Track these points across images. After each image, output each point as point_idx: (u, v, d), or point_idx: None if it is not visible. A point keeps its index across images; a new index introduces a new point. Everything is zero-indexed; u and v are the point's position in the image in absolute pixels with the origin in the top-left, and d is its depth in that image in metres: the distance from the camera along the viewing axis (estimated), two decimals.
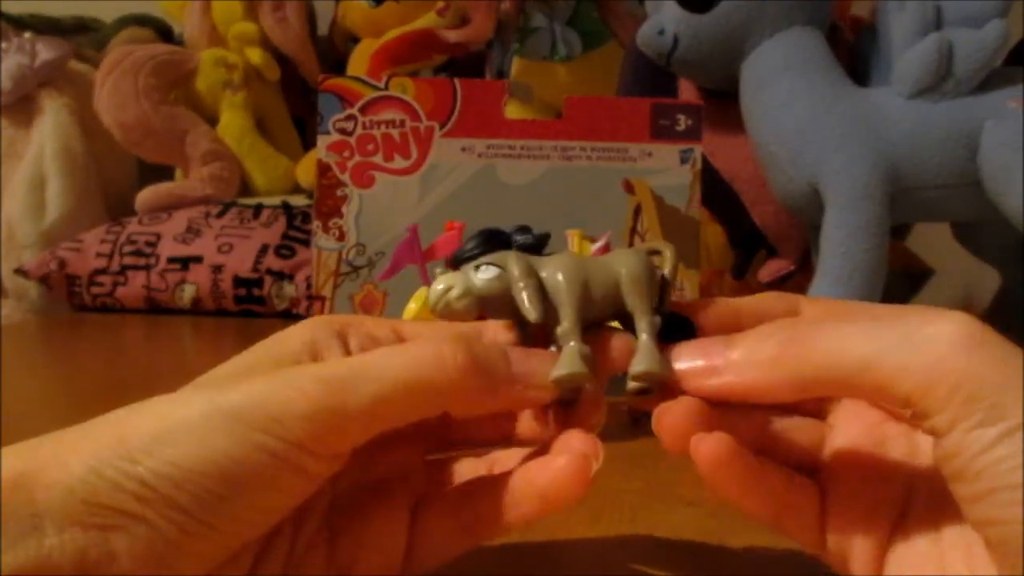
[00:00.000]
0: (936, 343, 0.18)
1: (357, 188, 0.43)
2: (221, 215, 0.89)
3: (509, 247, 0.22)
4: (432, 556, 0.23)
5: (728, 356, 0.21)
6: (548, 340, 0.22)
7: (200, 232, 0.86)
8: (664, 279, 0.22)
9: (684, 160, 0.45)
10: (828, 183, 0.56)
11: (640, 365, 0.21)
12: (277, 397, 0.19)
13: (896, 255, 0.71)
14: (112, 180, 1.02)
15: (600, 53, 0.86)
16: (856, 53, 0.65)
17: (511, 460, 0.24)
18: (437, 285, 0.22)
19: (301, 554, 0.21)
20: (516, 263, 0.22)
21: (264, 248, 0.84)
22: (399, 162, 0.43)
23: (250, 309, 0.84)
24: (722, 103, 0.65)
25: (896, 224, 0.58)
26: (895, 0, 0.58)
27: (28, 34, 0.98)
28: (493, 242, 0.22)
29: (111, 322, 0.83)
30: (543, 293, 0.22)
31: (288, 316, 0.83)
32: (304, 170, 0.96)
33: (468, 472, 0.24)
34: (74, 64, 1.01)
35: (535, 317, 0.21)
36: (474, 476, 0.24)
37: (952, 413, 0.17)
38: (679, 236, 0.44)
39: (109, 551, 0.17)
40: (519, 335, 0.23)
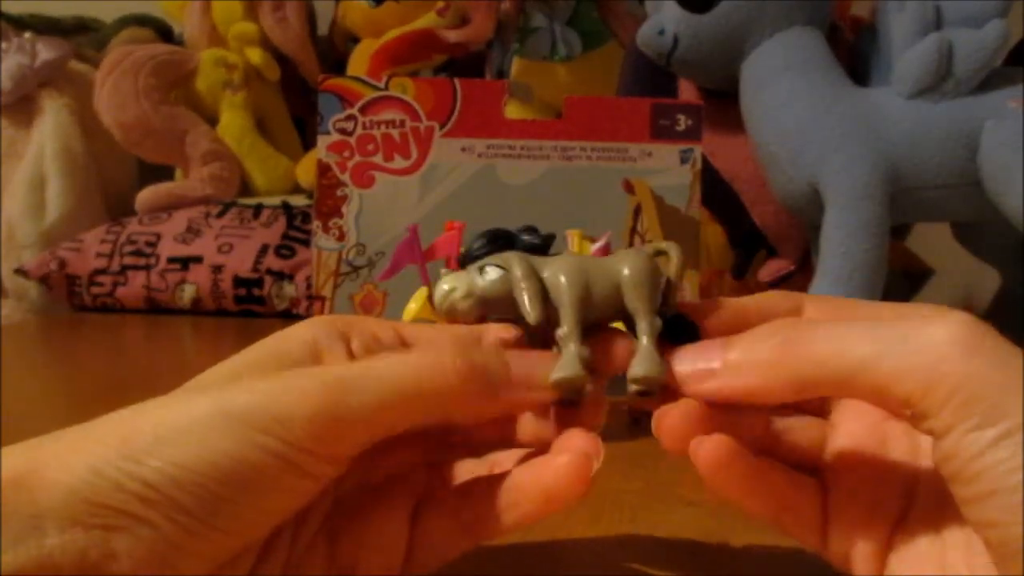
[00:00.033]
0: (935, 345, 0.18)
1: (357, 188, 0.43)
2: (221, 215, 0.89)
3: (515, 247, 0.22)
4: (433, 556, 0.23)
5: (726, 358, 0.21)
6: (551, 340, 0.22)
7: (200, 232, 0.86)
8: (669, 281, 0.22)
9: (684, 160, 0.44)
10: (828, 183, 0.56)
11: (638, 369, 0.21)
12: (281, 399, 0.19)
13: (896, 255, 0.71)
14: (112, 180, 1.02)
15: (600, 53, 0.86)
16: (856, 53, 0.65)
17: (511, 461, 0.24)
18: (442, 285, 0.22)
19: (301, 554, 0.21)
20: (519, 265, 0.22)
21: (264, 248, 0.84)
22: (399, 162, 0.43)
23: (250, 309, 0.84)
24: (722, 103, 0.65)
25: (896, 224, 0.58)
26: (895, 0, 0.58)
27: (28, 34, 0.98)
28: (499, 242, 0.22)
29: (111, 322, 0.83)
30: (545, 294, 0.22)
31: (288, 316, 0.83)
32: (304, 170, 0.96)
33: (468, 473, 0.24)
34: (74, 64, 1.01)
35: (534, 320, 0.21)
36: (474, 477, 0.24)
37: (950, 415, 0.17)
38: (679, 236, 0.44)
39: (110, 551, 0.17)
40: (522, 335, 0.23)
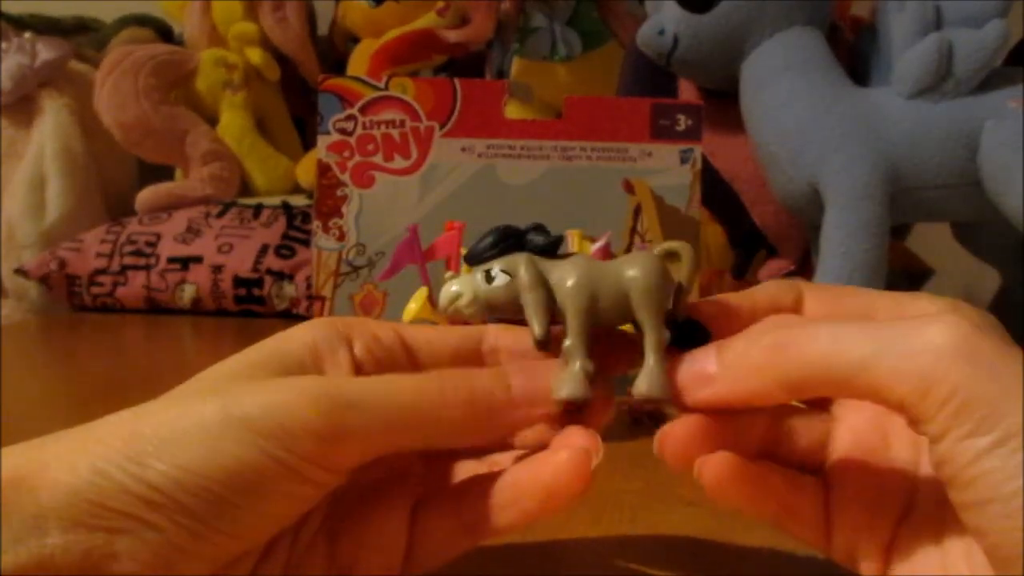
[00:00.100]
0: (931, 348, 0.17)
1: (357, 188, 0.43)
2: (221, 215, 0.89)
3: (523, 246, 0.22)
4: (433, 556, 0.23)
5: (721, 363, 0.20)
6: (559, 340, 0.22)
7: (200, 232, 0.86)
8: (679, 285, 0.22)
9: (684, 160, 0.44)
10: (828, 183, 0.56)
11: (642, 386, 0.21)
12: (287, 408, 0.19)
13: (896, 255, 0.71)
14: (112, 180, 1.02)
15: (600, 53, 0.86)
16: (856, 53, 0.65)
17: (511, 462, 0.24)
18: (450, 287, 0.22)
19: (302, 554, 0.21)
20: (525, 271, 0.21)
21: (264, 248, 0.84)
22: (399, 162, 0.43)
23: (250, 309, 0.84)
24: (722, 103, 0.65)
25: (896, 224, 0.58)
26: (895, 0, 0.58)
27: (28, 34, 0.98)
28: (508, 241, 0.22)
29: (111, 322, 0.83)
30: (551, 304, 0.21)
31: (288, 316, 0.83)
32: (304, 170, 0.96)
33: (468, 473, 0.24)
34: (74, 64, 1.01)
35: (539, 336, 0.21)
36: (473, 475, 0.24)
37: (945, 421, 0.17)
38: (679, 236, 0.44)
39: (112, 553, 0.17)
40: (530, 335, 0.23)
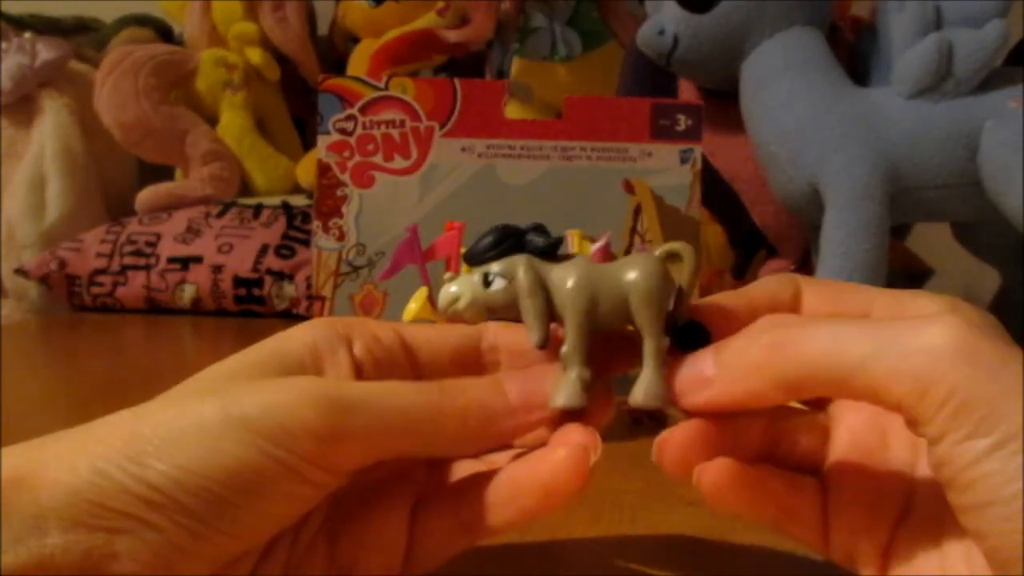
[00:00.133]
0: (930, 349, 0.17)
1: (357, 188, 0.43)
2: (221, 215, 0.89)
3: (523, 246, 0.22)
4: (432, 555, 0.23)
5: (719, 364, 0.20)
6: (559, 340, 0.22)
7: (200, 232, 0.86)
8: (680, 288, 0.22)
9: (684, 160, 0.44)
10: (828, 183, 0.56)
11: (638, 395, 0.21)
12: (287, 409, 0.19)
13: (896, 255, 0.71)
14: (112, 180, 1.02)
15: (600, 53, 0.86)
16: (856, 53, 0.65)
17: (508, 460, 0.24)
18: (449, 287, 0.22)
19: (302, 555, 0.21)
20: (524, 275, 0.21)
21: (264, 248, 0.84)
22: (399, 162, 0.43)
23: (250, 309, 0.84)
24: (722, 103, 0.65)
25: (896, 224, 0.58)
26: (895, 0, 0.58)
27: (28, 34, 0.98)
28: (507, 241, 0.22)
29: (111, 322, 0.83)
30: (550, 309, 0.21)
31: (288, 316, 0.83)
32: (304, 170, 0.96)
33: (466, 471, 0.24)
34: (74, 64, 1.01)
35: (537, 342, 0.21)
36: (472, 473, 0.23)
37: (944, 422, 0.17)
38: (679, 236, 0.44)
39: (112, 553, 0.17)
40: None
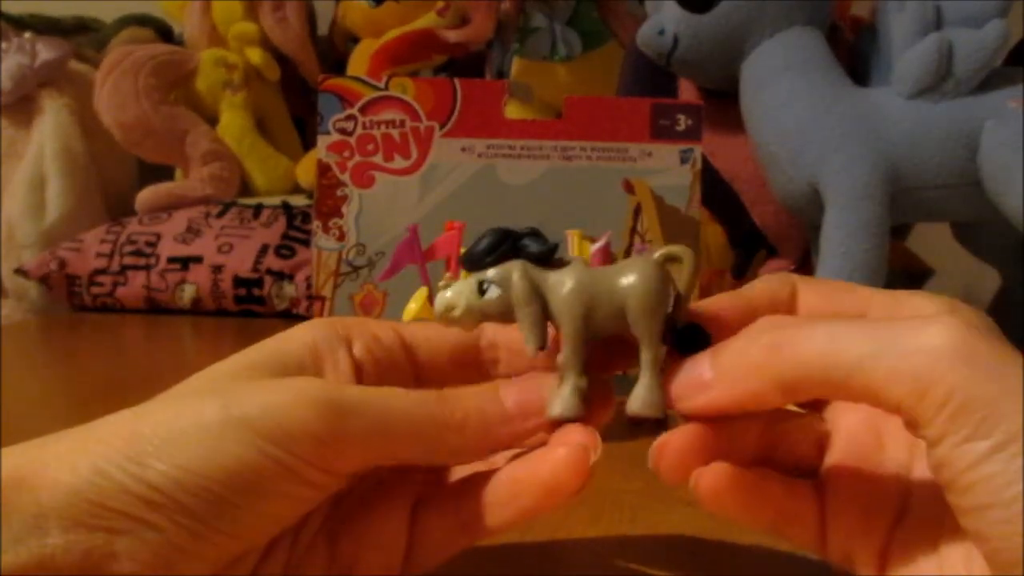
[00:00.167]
0: (929, 350, 0.17)
1: (357, 188, 0.43)
2: (221, 215, 0.89)
3: (519, 254, 0.22)
4: (432, 554, 0.23)
5: (717, 366, 0.20)
6: (557, 343, 0.22)
7: (200, 232, 0.86)
8: (679, 294, 0.21)
9: (684, 160, 0.44)
10: (828, 183, 0.56)
11: (635, 403, 0.21)
12: (287, 409, 0.19)
13: (896, 255, 0.71)
14: (112, 180, 1.02)
15: (600, 53, 0.86)
16: (856, 53, 0.65)
17: (508, 460, 0.24)
18: (444, 294, 0.22)
19: (302, 555, 0.21)
20: (519, 284, 0.21)
21: (264, 248, 0.84)
22: (399, 162, 0.43)
23: (250, 309, 0.84)
24: (722, 103, 0.65)
25: (896, 224, 0.58)
26: (895, 0, 0.58)
27: (28, 34, 0.98)
28: (503, 246, 0.22)
29: (111, 322, 0.83)
30: (545, 317, 0.21)
31: (288, 316, 0.83)
32: (304, 170, 0.96)
33: (466, 471, 0.24)
34: (74, 64, 1.01)
35: (532, 352, 0.21)
36: (472, 472, 0.23)
37: (943, 424, 0.17)
38: (679, 236, 0.44)
39: (112, 553, 0.17)
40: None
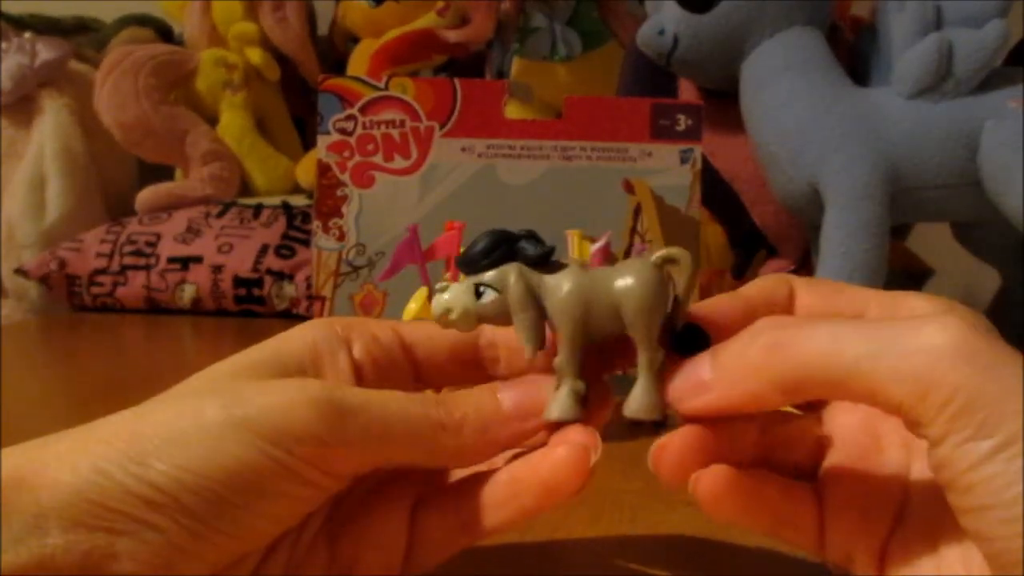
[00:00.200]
0: (930, 349, 0.17)
1: (357, 188, 0.43)
2: (221, 215, 0.89)
3: (515, 257, 0.22)
4: (432, 554, 0.23)
5: (716, 367, 0.20)
6: (555, 345, 0.22)
7: (200, 232, 0.86)
8: (676, 297, 0.21)
9: (684, 160, 0.44)
10: (828, 183, 0.56)
11: (633, 405, 0.21)
12: (288, 410, 0.19)
13: (896, 255, 0.71)
14: (112, 180, 1.02)
15: (600, 53, 0.86)
16: (856, 53, 0.65)
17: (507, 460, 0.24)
18: (442, 296, 0.22)
19: (303, 555, 0.21)
20: (515, 288, 0.21)
21: (264, 248, 0.84)
22: (399, 162, 0.43)
23: (250, 309, 0.84)
24: (722, 103, 0.65)
25: (896, 224, 0.58)
26: (895, 0, 0.58)
27: (28, 34, 0.98)
28: (500, 249, 0.22)
29: (111, 322, 0.83)
30: (542, 319, 0.21)
31: (288, 316, 0.83)
32: (304, 170, 0.96)
33: (466, 471, 0.24)
34: (74, 64, 1.01)
35: (529, 356, 0.21)
36: (472, 472, 0.23)
37: (945, 424, 0.17)
38: (679, 236, 0.44)
39: (113, 553, 0.17)
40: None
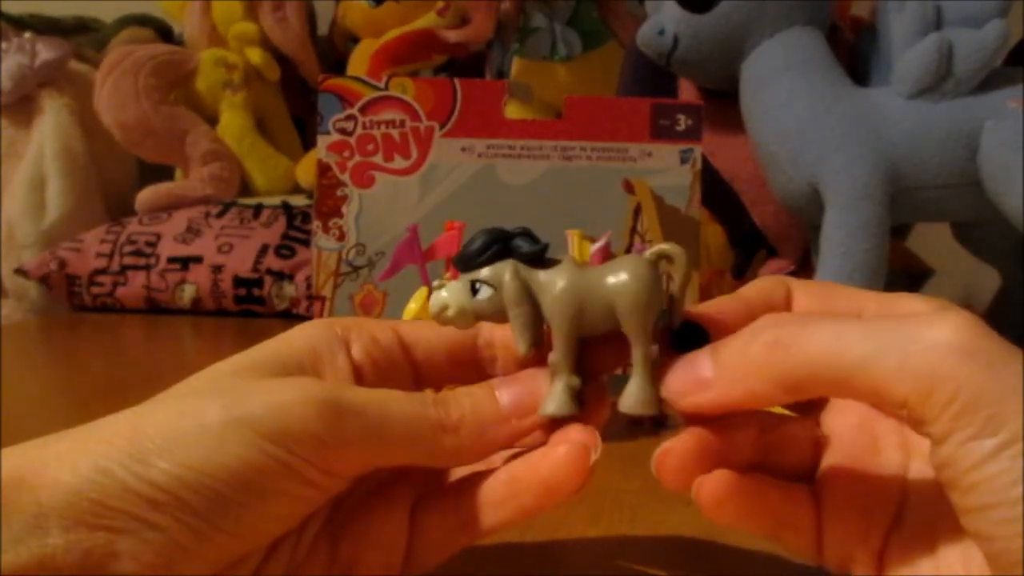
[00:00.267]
0: (934, 347, 0.17)
1: (357, 188, 0.43)
2: (221, 215, 0.89)
3: (511, 254, 0.22)
4: (432, 553, 0.23)
5: (718, 364, 0.20)
6: (551, 343, 0.22)
7: (200, 232, 0.86)
8: (672, 295, 0.21)
9: (684, 160, 0.44)
10: (828, 183, 0.56)
11: (626, 403, 0.21)
12: (289, 409, 0.19)
13: (896, 255, 0.71)
14: (112, 180, 1.02)
15: (600, 53, 0.86)
16: (856, 53, 0.65)
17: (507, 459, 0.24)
18: (439, 294, 0.22)
19: (304, 555, 0.21)
20: (510, 284, 0.21)
21: (264, 248, 0.84)
22: (399, 162, 0.43)
23: (250, 309, 0.84)
24: (722, 103, 0.65)
25: (896, 224, 0.58)
26: (895, 0, 0.58)
27: (28, 34, 0.98)
28: (495, 246, 0.22)
29: (111, 322, 0.83)
30: (537, 315, 0.21)
31: (288, 316, 0.83)
32: (304, 170, 0.96)
33: (466, 471, 0.24)
34: (74, 64, 1.01)
35: (523, 353, 0.21)
36: (472, 472, 0.23)
37: (948, 423, 0.17)
38: (679, 236, 0.44)
39: (114, 552, 0.17)
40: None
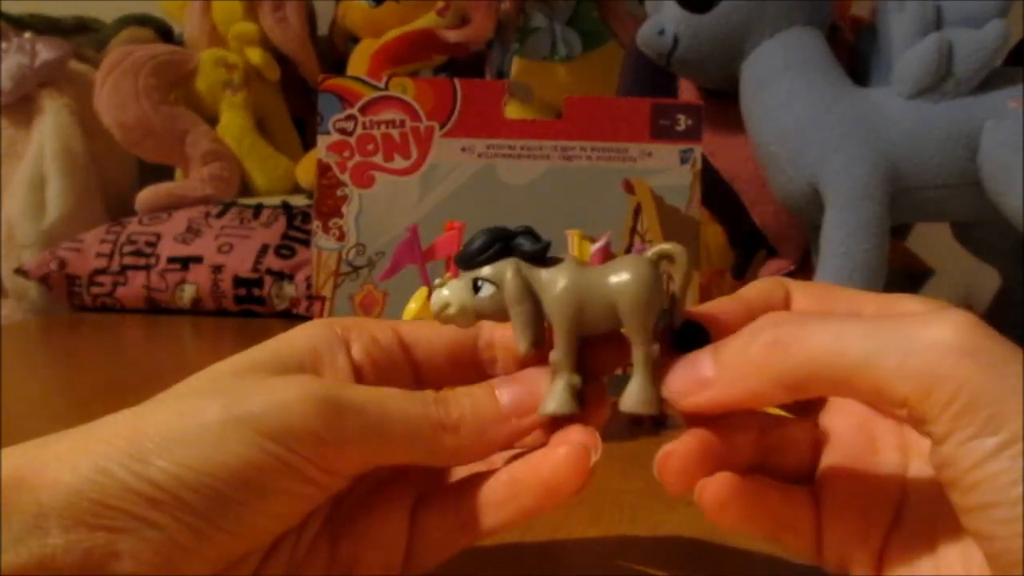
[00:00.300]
0: (935, 347, 0.17)
1: (357, 188, 0.43)
2: (221, 215, 0.89)
3: (512, 250, 0.22)
4: (432, 554, 0.23)
5: (719, 364, 0.20)
6: (551, 341, 0.22)
7: (200, 232, 0.86)
8: (673, 294, 0.21)
9: (684, 160, 0.44)
10: (828, 183, 0.56)
11: (627, 402, 0.21)
12: (289, 408, 0.19)
13: (896, 255, 0.71)
14: (112, 180, 1.02)
15: (600, 53, 0.86)
16: (856, 53, 0.65)
17: (507, 460, 0.24)
18: (441, 292, 0.22)
19: (304, 555, 0.21)
20: (511, 282, 0.21)
21: (264, 248, 0.84)
22: (399, 162, 0.43)
23: (250, 309, 0.84)
24: (722, 103, 0.65)
25: (896, 224, 0.58)
26: (895, 0, 0.58)
27: (28, 34, 0.98)
28: (496, 245, 0.22)
29: (111, 322, 0.83)
30: (538, 316, 0.21)
31: (288, 316, 0.83)
32: (304, 170, 0.96)
33: (466, 471, 0.24)
34: (74, 64, 1.01)
35: (524, 351, 0.21)
36: (472, 472, 0.23)
37: (949, 421, 0.17)
38: (679, 236, 0.44)
39: (114, 552, 0.17)
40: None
